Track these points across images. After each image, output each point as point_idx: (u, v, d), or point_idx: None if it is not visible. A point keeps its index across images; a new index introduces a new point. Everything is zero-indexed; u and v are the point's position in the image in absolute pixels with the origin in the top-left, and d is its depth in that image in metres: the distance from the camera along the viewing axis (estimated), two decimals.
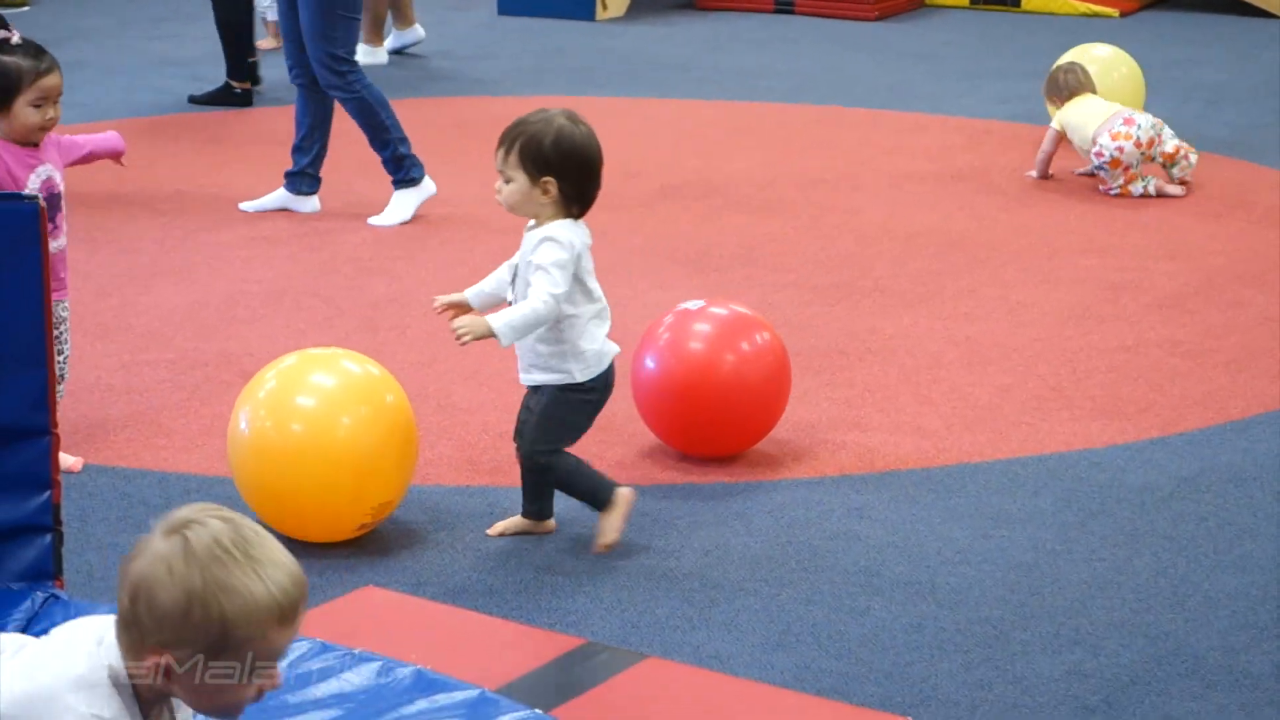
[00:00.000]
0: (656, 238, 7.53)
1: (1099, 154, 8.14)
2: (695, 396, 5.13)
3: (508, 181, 4.55)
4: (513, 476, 4.89)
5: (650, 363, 5.21)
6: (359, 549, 4.66)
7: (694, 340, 5.20)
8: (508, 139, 4.55)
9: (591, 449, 5.09)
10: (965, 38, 12.46)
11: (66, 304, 5.10)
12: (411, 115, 9.96)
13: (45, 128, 5.01)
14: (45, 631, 2.78)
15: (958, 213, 7.97)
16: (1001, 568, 4.59)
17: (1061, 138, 8.35)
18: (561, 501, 4.82)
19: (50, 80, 4.97)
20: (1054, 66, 8.85)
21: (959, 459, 5.29)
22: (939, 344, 6.27)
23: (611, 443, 5.33)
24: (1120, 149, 8.10)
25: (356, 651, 3.82)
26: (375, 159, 7.90)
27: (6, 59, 4.91)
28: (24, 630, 3.70)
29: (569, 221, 4.55)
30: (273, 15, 11.18)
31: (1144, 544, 4.74)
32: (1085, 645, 4.19)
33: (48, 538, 4.00)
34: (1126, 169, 8.14)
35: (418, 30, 11.64)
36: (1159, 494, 5.06)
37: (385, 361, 4.89)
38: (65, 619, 3.65)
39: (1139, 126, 8.15)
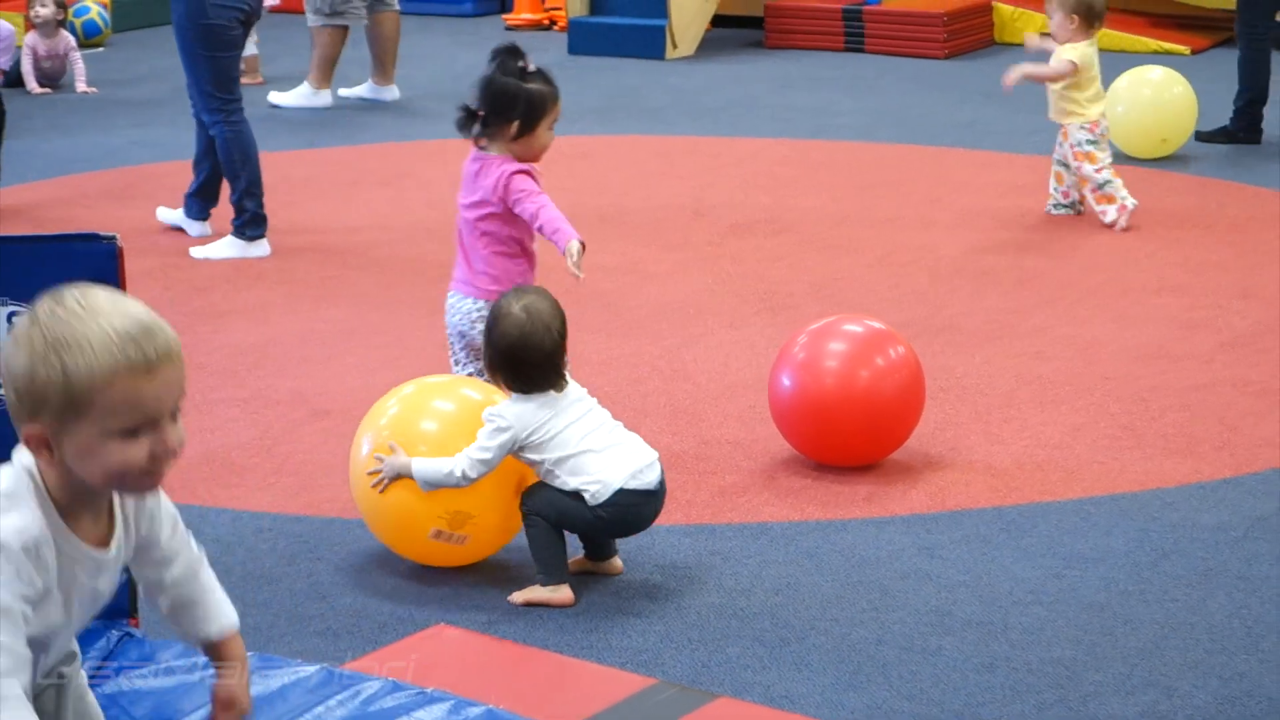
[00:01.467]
0: (727, 276, 7.54)
1: (1094, 126, 8.24)
2: (836, 405, 5.33)
3: None
4: None
5: (786, 378, 5.40)
6: (429, 587, 4.67)
7: (829, 358, 5.40)
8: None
9: (688, 471, 5.10)
10: None
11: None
12: None
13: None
14: (122, 670, 2.79)
15: (1029, 251, 7.95)
16: (1074, 608, 4.57)
17: (1075, 74, 8.22)
18: (625, 542, 4.83)
19: (559, 106, 5.26)
20: None
21: (1031, 498, 5.27)
22: (1010, 382, 6.25)
23: (700, 473, 5.33)
24: (1105, 133, 8.29)
25: (428, 691, 3.83)
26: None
27: (533, 87, 5.20)
28: (99, 667, 3.73)
29: (518, 402, 4.59)
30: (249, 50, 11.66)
31: (1218, 584, 4.71)
32: (1159, 686, 4.16)
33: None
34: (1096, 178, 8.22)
35: (394, 90, 11.69)
36: (1232, 534, 5.03)
37: None
38: (140, 657, 3.69)
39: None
